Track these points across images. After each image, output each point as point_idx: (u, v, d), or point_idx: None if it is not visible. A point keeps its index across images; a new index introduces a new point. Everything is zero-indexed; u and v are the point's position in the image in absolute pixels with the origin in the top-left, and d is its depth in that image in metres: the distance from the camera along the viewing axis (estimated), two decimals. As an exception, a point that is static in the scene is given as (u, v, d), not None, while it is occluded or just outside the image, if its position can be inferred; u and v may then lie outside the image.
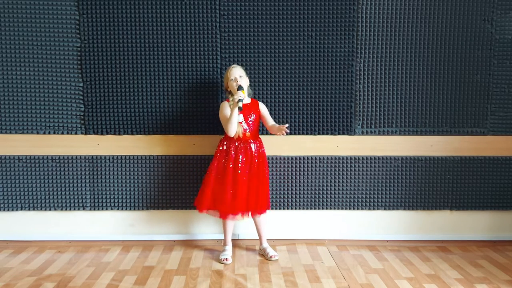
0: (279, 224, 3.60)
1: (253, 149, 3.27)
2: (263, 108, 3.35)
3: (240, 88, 3.15)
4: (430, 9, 3.46)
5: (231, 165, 3.24)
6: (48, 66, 3.45)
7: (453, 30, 3.48)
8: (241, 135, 3.24)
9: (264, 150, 3.34)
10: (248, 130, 3.26)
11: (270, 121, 3.35)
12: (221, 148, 3.30)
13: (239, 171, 3.23)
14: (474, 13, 3.46)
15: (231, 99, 3.23)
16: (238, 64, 3.41)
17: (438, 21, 3.47)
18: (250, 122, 3.26)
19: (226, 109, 3.23)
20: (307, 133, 3.55)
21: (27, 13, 3.40)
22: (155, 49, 3.46)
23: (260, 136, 3.38)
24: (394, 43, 3.49)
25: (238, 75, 3.22)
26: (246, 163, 3.25)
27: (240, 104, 3.09)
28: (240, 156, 3.23)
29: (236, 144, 3.25)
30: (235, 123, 3.18)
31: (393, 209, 3.61)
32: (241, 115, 3.21)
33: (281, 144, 3.46)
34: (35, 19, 3.41)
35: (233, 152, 3.25)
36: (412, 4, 3.45)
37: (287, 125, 3.14)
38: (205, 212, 3.33)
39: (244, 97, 3.13)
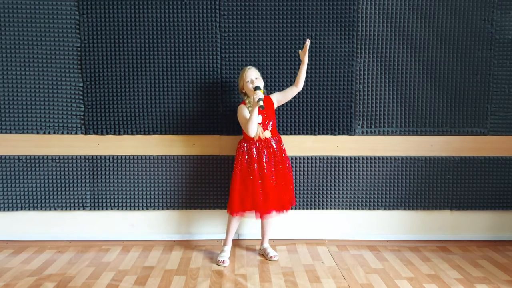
0: (279, 224, 3.59)
1: (275, 146, 3.27)
2: (276, 96, 3.33)
3: (257, 88, 3.14)
4: (430, 9, 3.46)
5: (255, 166, 3.22)
6: (48, 66, 3.45)
7: (453, 30, 3.48)
8: (262, 136, 3.23)
9: (283, 147, 3.34)
10: (266, 129, 3.25)
11: (289, 88, 3.31)
12: (242, 150, 3.28)
13: (266, 171, 3.22)
14: (474, 13, 3.47)
15: (247, 100, 3.23)
16: (241, 63, 3.41)
17: (438, 21, 3.47)
18: (267, 121, 3.25)
19: (244, 111, 3.21)
20: (307, 133, 3.55)
21: (27, 13, 3.40)
22: (155, 49, 3.46)
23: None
24: (394, 43, 3.49)
25: (254, 77, 3.21)
26: (270, 162, 3.25)
27: (261, 103, 3.06)
28: (264, 156, 3.23)
29: (257, 144, 3.24)
30: (255, 123, 3.16)
31: (393, 209, 3.61)
32: (260, 115, 3.20)
33: (281, 144, 3.47)
34: (35, 19, 3.41)
35: (255, 153, 3.24)
36: (412, 4, 3.45)
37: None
38: (237, 216, 3.30)
39: (263, 96, 3.12)
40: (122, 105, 3.50)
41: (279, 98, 3.34)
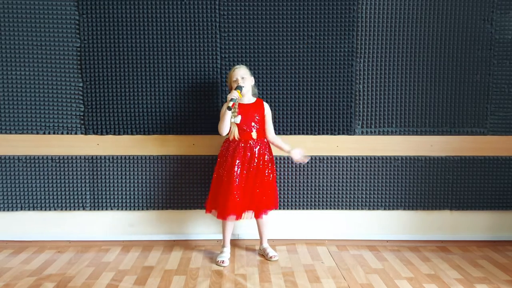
0: (279, 224, 3.60)
1: (255, 150, 3.23)
2: (267, 112, 3.29)
3: (238, 88, 3.14)
4: (430, 9, 3.46)
5: (227, 168, 3.21)
6: (48, 66, 3.45)
7: (453, 30, 3.48)
8: (236, 137, 3.22)
9: (269, 152, 3.30)
10: (251, 131, 3.23)
11: (270, 130, 3.30)
12: (222, 148, 3.29)
13: (235, 172, 3.18)
14: (474, 13, 3.47)
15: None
16: (241, 63, 3.41)
17: (438, 21, 3.47)
18: (253, 123, 3.23)
19: (224, 108, 3.22)
20: (307, 133, 3.55)
21: (27, 13, 3.40)
22: (155, 49, 3.46)
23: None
24: (394, 43, 3.49)
25: (240, 76, 3.19)
26: (243, 164, 3.21)
27: (230, 104, 3.06)
28: (238, 157, 3.21)
29: (235, 145, 3.23)
30: (225, 123, 3.16)
31: (393, 209, 3.61)
32: (239, 116, 3.19)
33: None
34: (35, 19, 3.41)
35: (230, 154, 3.23)
36: (412, 4, 3.45)
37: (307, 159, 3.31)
38: (211, 213, 3.33)
39: (237, 97, 3.10)
40: (122, 105, 3.50)
41: (266, 117, 3.28)
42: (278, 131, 3.50)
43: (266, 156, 3.27)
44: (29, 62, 3.44)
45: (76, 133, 3.52)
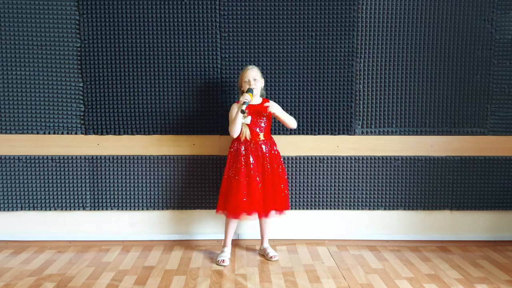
0: (279, 224, 3.59)
1: (264, 150, 3.25)
2: (276, 108, 3.28)
3: (249, 90, 3.14)
4: (430, 9, 3.46)
5: (242, 167, 3.21)
6: (48, 66, 3.45)
7: (453, 30, 3.48)
8: (248, 137, 3.23)
9: (277, 151, 3.32)
10: (261, 131, 3.24)
11: (292, 118, 3.32)
12: (231, 150, 3.29)
13: (252, 172, 3.20)
14: (474, 13, 3.47)
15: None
16: (241, 64, 3.41)
17: (438, 21, 3.48)
18: (261, 123, 3.24)
19: (233, 110, 3.22)
20: (307, 133, 3.55)
21: (27, 13, 3.40)
22: (155, 49, 3.46)
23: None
24: (394, 43, 3.49)
25: (252, 77, 3.19)
26: (258, 164, 3.23)
27: (243, 107, 3.07)
28: (251, 157, 3.22)
29: (247, 145, 3.24)
30: (237, 125, 3.17)
31: (393, 209, 3.61)
32: (249, 116, 3.19)
33: (282, 144, 3.46)
34: (35, 19, 3.41)
35: (243, 154, 3.23)
36: (412, 4, 3.45)
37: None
38: (221, 213, 3.32)
39: (250, 100, 3.11)
40: (122, 105, 3.50)
41: (277, 112, 3.24)
42: (278, 131, 3.50)
43: (274, 156, 3.29)
44: (29, 62, 3.44)
45: (76, 133, 3.52)
